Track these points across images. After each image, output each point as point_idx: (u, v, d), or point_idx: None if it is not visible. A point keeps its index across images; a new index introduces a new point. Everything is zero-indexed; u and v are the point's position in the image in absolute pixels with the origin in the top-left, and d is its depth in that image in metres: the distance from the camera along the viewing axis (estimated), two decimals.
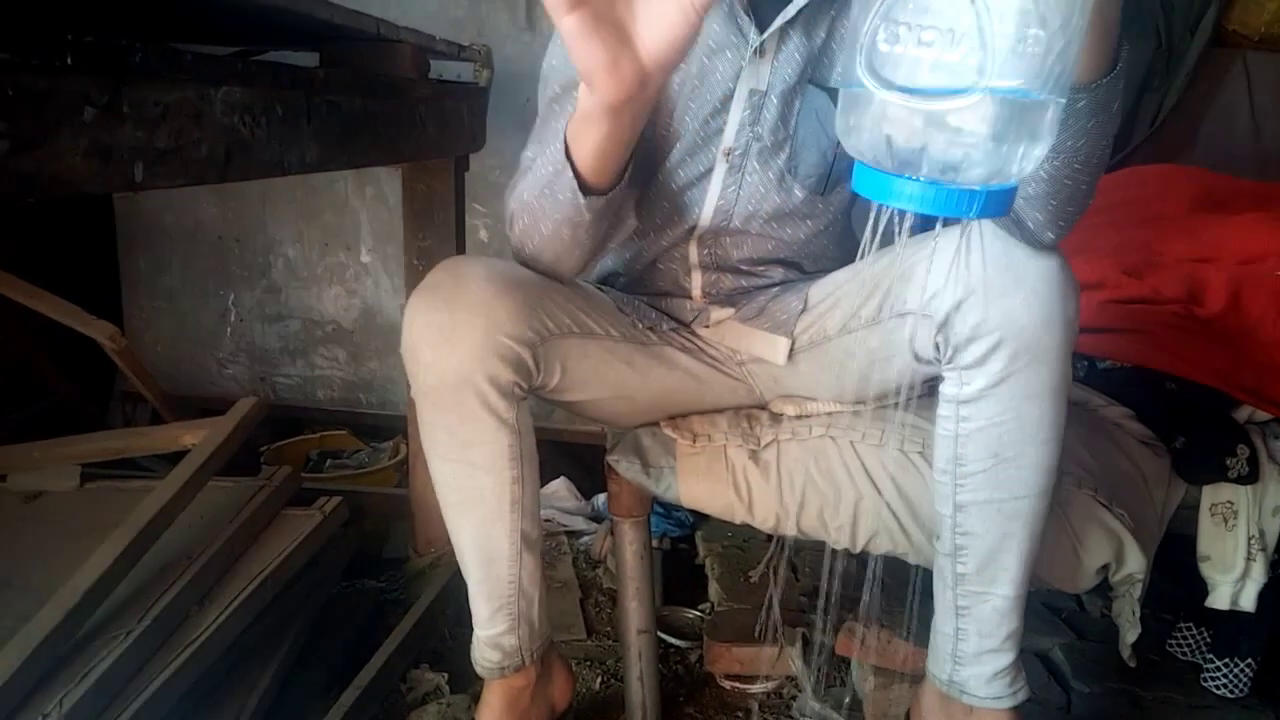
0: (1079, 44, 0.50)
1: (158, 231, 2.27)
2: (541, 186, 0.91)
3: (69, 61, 0.62)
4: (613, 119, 0.79)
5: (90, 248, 2.26)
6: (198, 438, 1.46)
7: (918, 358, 0.95)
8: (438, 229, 1.50)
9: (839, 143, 0.65)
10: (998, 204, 0.52)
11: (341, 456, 2.16)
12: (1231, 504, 1.18)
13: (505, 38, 2.04)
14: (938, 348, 0.91)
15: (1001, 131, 0.49)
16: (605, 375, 1.04)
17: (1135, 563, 1.08)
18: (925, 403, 0.99)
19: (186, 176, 0.78)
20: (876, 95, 0.51)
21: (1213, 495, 1.19)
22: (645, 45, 0.70)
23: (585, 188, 0.87)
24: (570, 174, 0.86)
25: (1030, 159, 0.51)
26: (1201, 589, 1.21)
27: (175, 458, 1.43)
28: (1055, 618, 1.45)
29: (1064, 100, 0.52)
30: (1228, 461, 1.17)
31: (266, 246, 2.26)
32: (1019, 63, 0.48)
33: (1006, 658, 0.99)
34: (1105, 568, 1.09)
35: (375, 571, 1.67)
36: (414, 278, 1.51)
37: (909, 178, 0.51)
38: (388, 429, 2.24)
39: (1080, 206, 0.82)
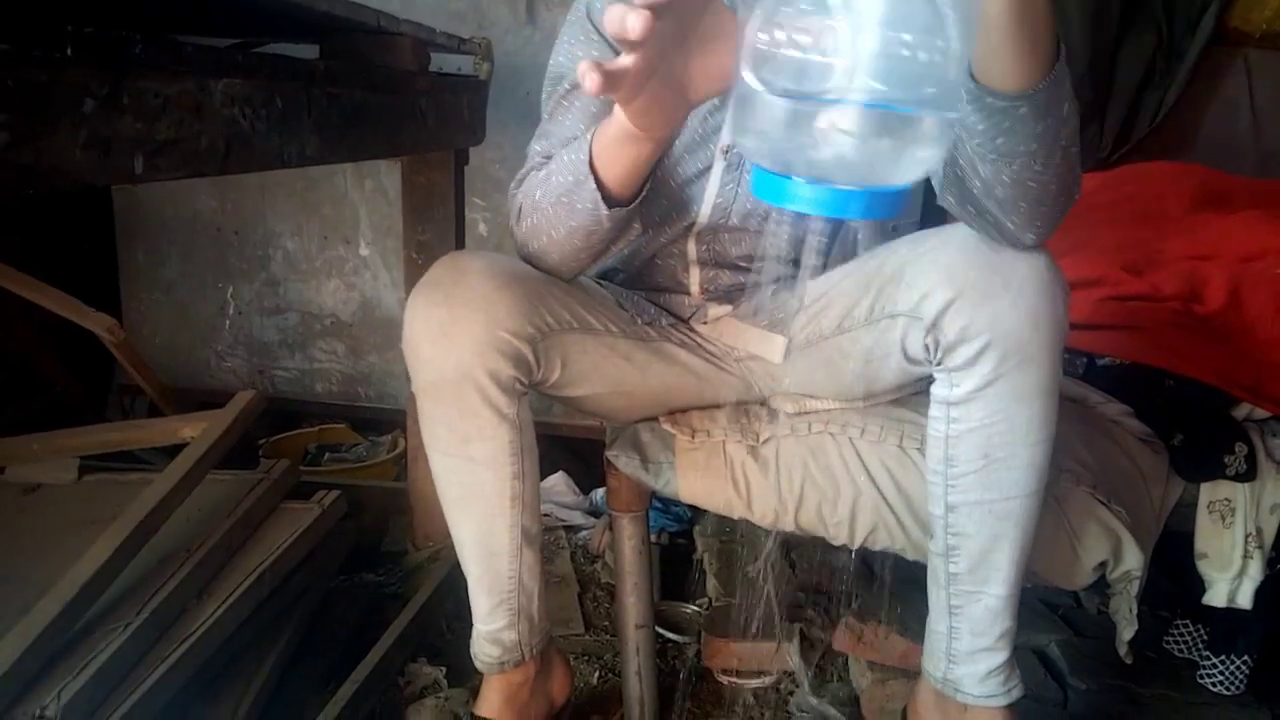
0: (956, 67, 0.51)
1: (157, 224, 2.26)
2: (559, 194, 0.90)
3: (69, 53, 0.62)
4: (653, 144, 0.81)
5: (89, 240, 2.26)
6: (196, 431, 1.46)
7: (909, 358, 0.95)
8: (437, 223, 1.50)
9: None
10: (885, 206, 0.53)
11: (340, 450, 2.16)
12: (1229, 501, 1.18)
13: (506, 31, 2.04)
14: (928, 349, 0.91)
15: (875, 137, 0.51)
16: (605, 370, 1.04)
17: (1133, 560, 1.08)
18: (923, 399, 0.99)
19: (186, 168, 0.77)
20: (760, 96, 0.52)
21: (1211, 493, 1.19)
22: (696, 85, 0.73)
23: (608, 199, 0.87)
24: (593, 185, 0.86)
25: (917, 163, 0.52)
26: (1199, 586, 1.21)
27: (174, 451, 1.43)
28: (1052, 614, 1.45)
29: (948, 114, 0.52)
30: (1226, 459, 1.17)
31: (265, 239, 2.25)
32: (888, 73, 0.49)
33: (1000, 656, 0.99)
34: (1103, 564, 1.09)
35: (373, 565, 1.67)
36: (413, 271, 1.50)
37: (798, 179, 0.53)
38: (386, 422, 2.23)
39: (1056, 207, 0.81)
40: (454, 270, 0.94)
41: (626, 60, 0.59)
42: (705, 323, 1.14)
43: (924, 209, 1.90)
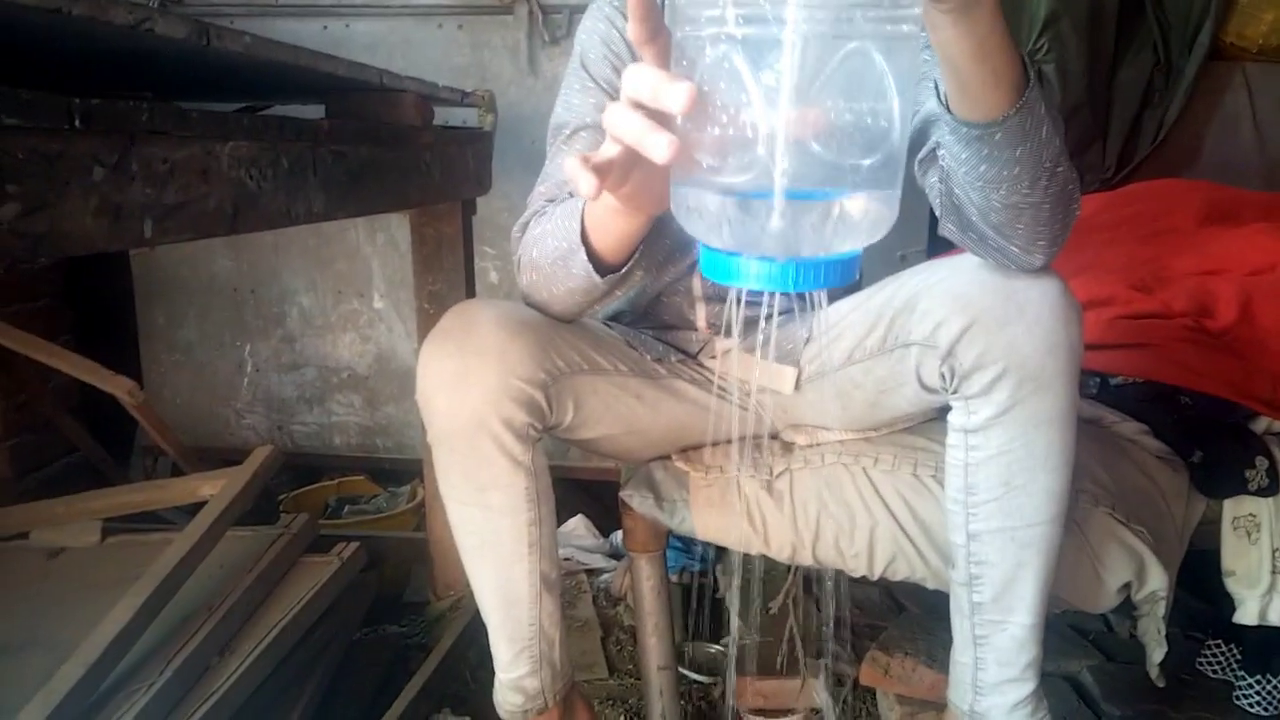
0: (898, 129, 0.49)
1: (174, 286, 2.30)
2: (554, 258, 0.91)
3: (77, 124, 0.64)
4: (644, 218, 0.80)
5: (109, 305, 2.30)
6: (215, 488, 1.47)
7: (925, 387, 0.95)
8: (447, 272, 1.52)
9: None
10: (838, 274, 0.51)
11: (360, 502, 2.17)
12: (1254, 517, 1.17)
13: (509, 83, 2.08)
14: (944, 377, 0.91)
15: (812, 215, 0.50)
16: (616, 410, 1.05)
17: (1157, 580, 1.07)
18: (937, 426, 0.99)
19: (196, 230, 0.79)
20: (692, 174, 0.52)
21: (1234, 509, 1.17)
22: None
23: (601, 267, 0.87)
24: (584, 256, 0.86)
25: (869, 226, 0.51)
26: (1229, 605, 1.19)
27: (195, 509, 1.44)
28: (1083, 640, 1.43)
29: (885, 189, 0.51)
30: (1247, 474, 1.15)
31: (281, 296, 2.29)
32: (812, 153, 0.48)
33: (1027, 687, 0.98)
34: (1127, 586, 1.07)
35: (396, 616, 1.67)
36: (426, 321, 1.52)
37: (745, 256, 0.51)
38: (405, 473, 2.24)
39: (1055, 226, 0.81)
40: (464, 320, 0.95)
41: (611, 151, 0.60)
42: (714, 357, 1.14)
43: (930, 236, 1.92)
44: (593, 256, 0.86)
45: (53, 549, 1.51)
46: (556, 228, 0.90)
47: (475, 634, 1.45)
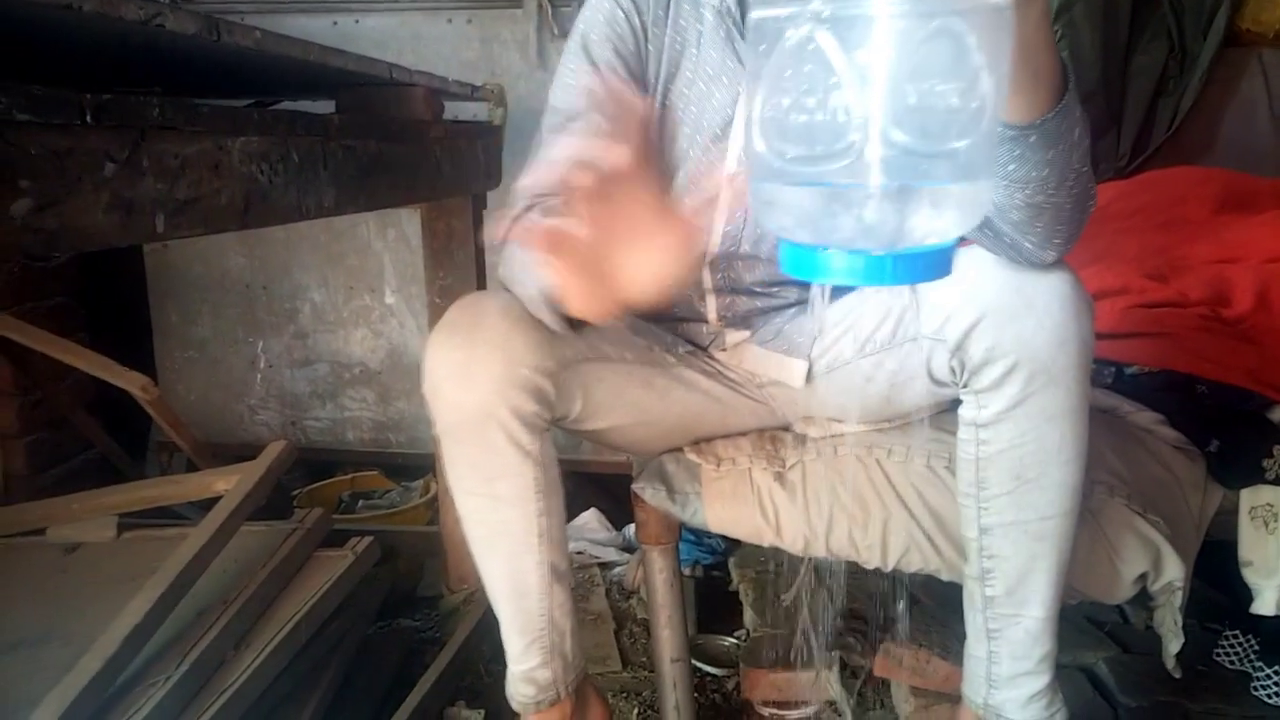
0: (990, 115, 0.47)
1: (187, 282, 2.31)
2: (524, 293, 0.91)
3: (88, 120, 0.64)
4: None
5: (124, 302, 2.31)
6: (229, 484, 1.48)
7: (935, 381, 0.95)
8: (458, 267, 1.52)
9: None
10: (928, 268, 0.49)
11: (373, 497, 2.17)
12: (1271, 506, 1.15)
13: (518, 76, 2.08)
14: (953, 371, 0.90)
15: (904, 201, 0.47)
16: (625, 399, 1.05)
17: (1174, 570, 1.06)
18: (951, 416, 0.98)
19: (207, 225, 0.80)
20: (772, 167, 0.49)
21: (1251, 498, 1.16)
22: (629, 289, 0.67)
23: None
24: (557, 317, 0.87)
25: (964, 214, 0.48)
26: (1246, 595, 1.18)
27: (210, 504, 1.45)
28: (1099, 631, 1.42)
29: (977, 179, 0.48)
30: (1264, 463, 1.14)
31: (293, 292, 2.29)
32: (895, 142, 0.45)
33: (1041, 680, 0.97)
34: (1143, 577, 1.06)
35: (410, 610, 1.68)
36: (437, 316, 1.52)
37: (834, 250, 0.48)
38: (418, 468, 2.25)
39: (1071, 224, 0.80)
40: (470, 311, 0.95)
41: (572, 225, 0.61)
42: (724, 349, 1.14)
43: None
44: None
45: (69, 544, 1.52)
46: (529, 277, 0.89)
47: (489, 627, 1.45)
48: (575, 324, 0.87)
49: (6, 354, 1.86)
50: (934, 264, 0.49)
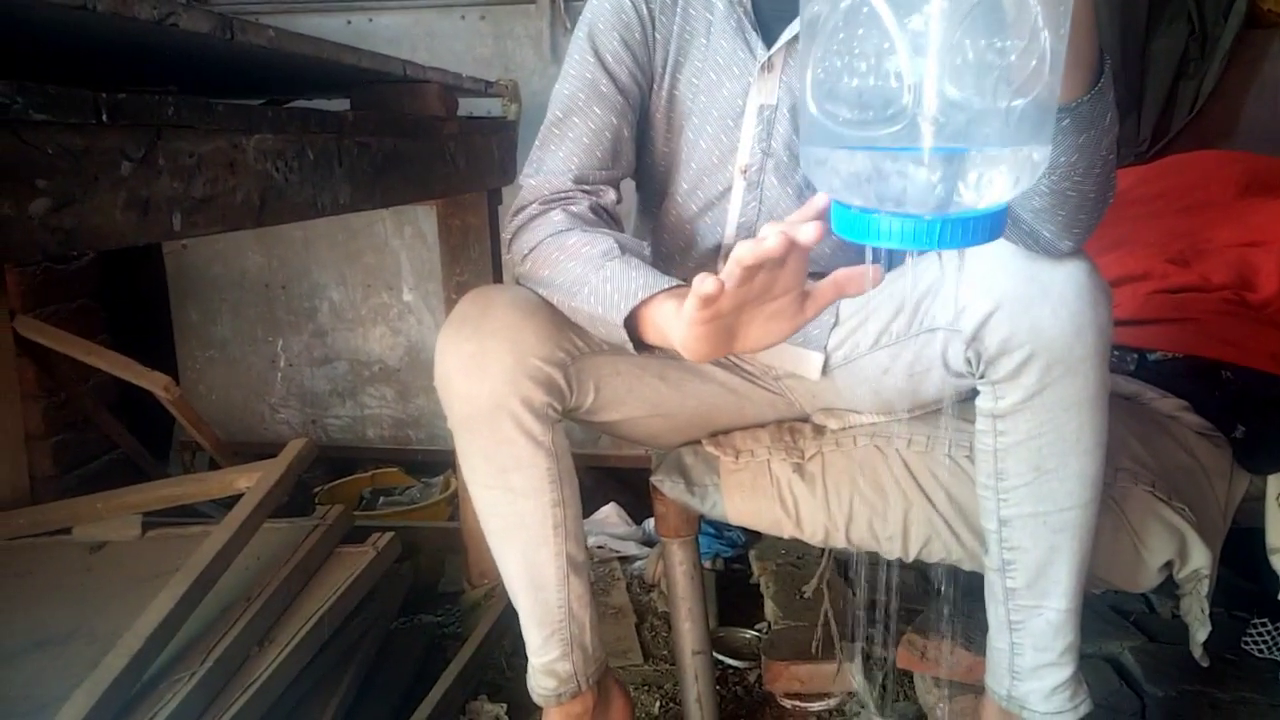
0: (1049, 75, 0.46)
1: (207, 283, 2.33)
2: (586, 314, 0.89)
3: (104, 119, 0.65)
4: None
5: (145, 303, 2.33)
6: (251, 481, 1.49)
7: (952, 372, 0.94)
8: (474, 263, 1.53)
9: None
10: (982, 230, 0.48)
11: (394, 493, 2.19)
12: None
13: (531, 72, 2.08)
14: (969, 362, 0.90)
15: (956, 162, 0.46)
16: (639, 391, 1.04)
17: (1200, 558, 1.04)
18: (971, 405, 0.97)
19: (224, 223, 0.80)
20: (830, 127, 0.48)
21: (1278, 484, 1.15)
22: (744, 344, 0.75)
23: (639, 343, 0.86)
24: (624, 336, 0.85)
25: (1021, 172, 0.48)
26: (1274, 582, 1.17)
27: (232, 502, 1.46)
28: (1124, 621, 1.41)
29: (1036, 145, 0.48)
30: None
31: (311, 291, 2.31)
32: (951, 103, 0.44)
33: (1065, 671, 0.96)
34: (1169, 565, 1.05)
35: (431, 606, 1.69)
36: None
37: (885, 213, 0.48)
38: (438, 464, 2.26)
39: (1093, 213, 0.80)
40: (480, 304, 0.95)
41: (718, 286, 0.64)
42: None
43: None
44: (633, 336, 0.85)
45: (95, 543, 1.53)
46: (592, 296, 0.87)
47: (509, 622, 1.46)
48: (642, 346, 0.87)
49: (31, 356, 1.88)
50: (985, 227, 0.48)
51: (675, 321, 0.76)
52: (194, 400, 2.15)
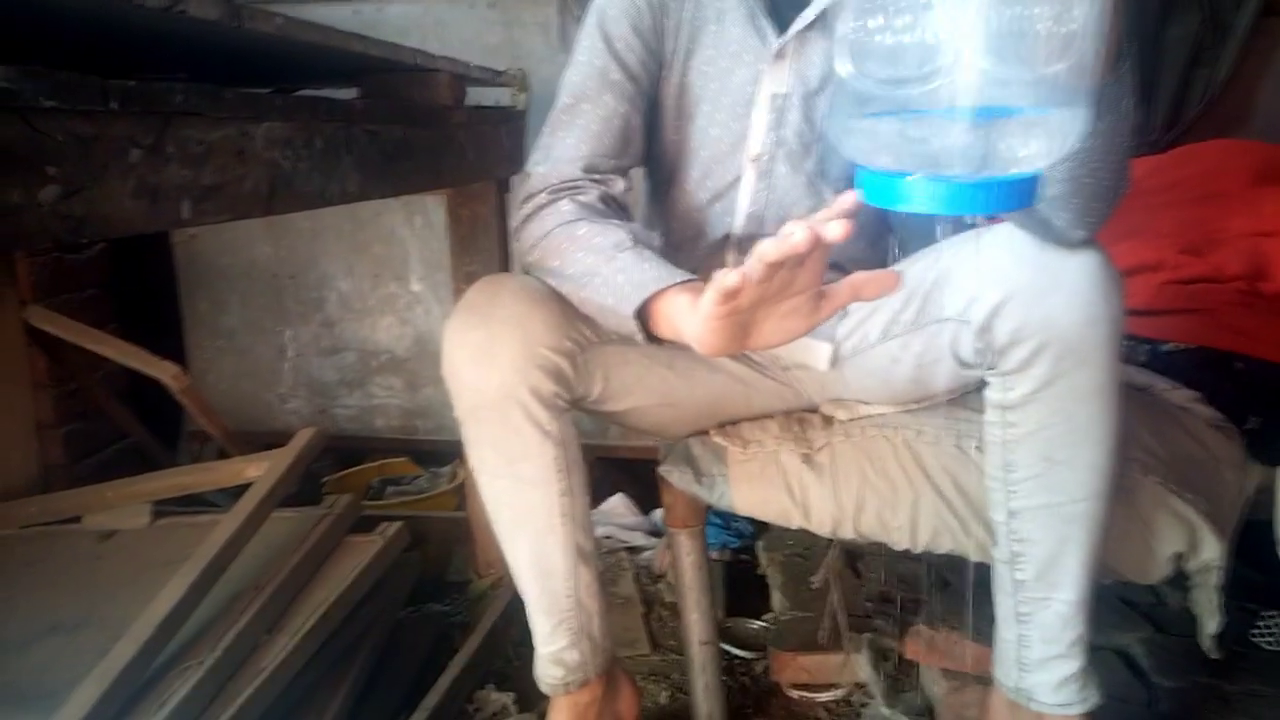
0: (1068, 59, 0.45)
1: (216, 273, 2.33)
2: (596, 304, 0.89)
3: (113, 107, 0.65)
4: None
5: (155, 292, 2.34)
6: (260, 470, 1.49)
7: (961, 363, 0.93)
8: (483, 252, 1.52)
9: None
10: (1016, 196, 0.47)
11: (402, 483, 2.19)
12: None
13: (541, 60, 2.07)
14: (979, 353, 0.89)
15: (990, 125, 0.45)
16: (647, 381, 1.04)
17: (1211, 550, 1.04)
18: (978, 396, 0.97)
19: (233, 211, 0.80)
20: (863, 89, 0.48)
21: None
22: (758, 340, 0.75)
23: (650, 334, 0.86)
24: (635, 327, 0.85)
25: (1058, 138, 0.47)
26: None
27: (241, 491, 1.46)
28: (1133, 612, 1.40)
29: (1074, 106, 0.47)
30: None
31: (320, 282, 2.31)
32: (987, 65, 0.44)
33: (1074, 664, 0.96)
34: (1179, 556, 1.05)
35: (439, 595, 1.69)
36: None
37: (915, 176, 0.47)
38: (446, 454, 2.26)
39: (1107, 202, 0.79)
40: (488, 293, 0.94)
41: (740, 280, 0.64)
42: None
43: None
44: (645, 326, 0.85)
45: (105, 532, 1.54)
46: (603, 286, 0.87)
47: (517, 612, 1.46)
48: (652, 338, 0.86)
49: (41, 346, 1.89)
50: (1018, 193, 0.47)
51: (689, 315, 0.76)
52: (203, 389, 2.15)
